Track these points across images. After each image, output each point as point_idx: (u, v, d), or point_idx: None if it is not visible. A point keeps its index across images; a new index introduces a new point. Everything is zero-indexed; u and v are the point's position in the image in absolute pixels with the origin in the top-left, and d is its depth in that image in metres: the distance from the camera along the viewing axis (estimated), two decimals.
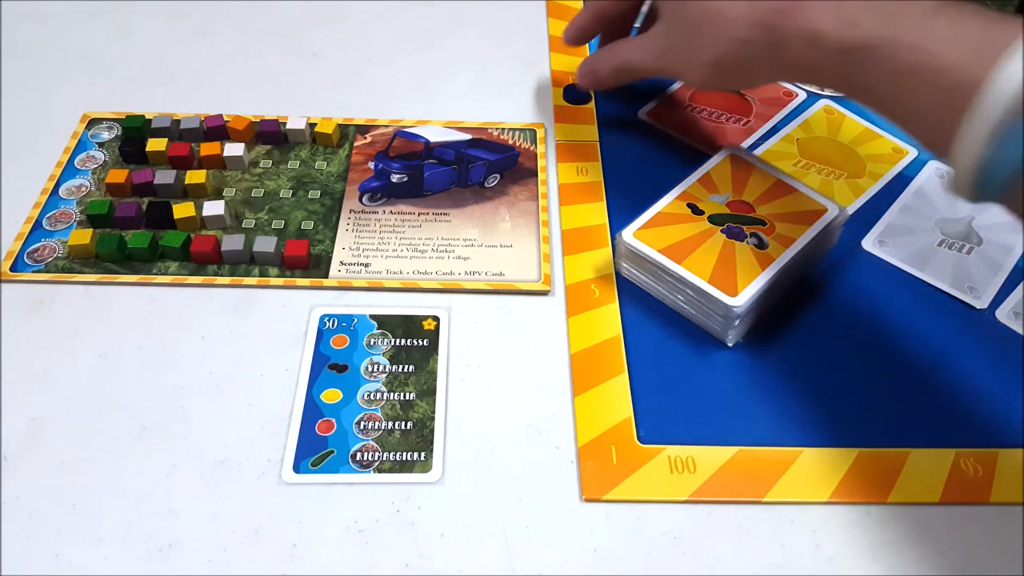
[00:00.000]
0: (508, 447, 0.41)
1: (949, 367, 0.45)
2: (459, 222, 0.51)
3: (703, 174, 0.50)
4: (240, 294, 0.47)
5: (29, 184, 0.52)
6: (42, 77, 0.60)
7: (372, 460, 0.41)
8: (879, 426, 0.42)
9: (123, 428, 0.41)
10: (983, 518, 0.39)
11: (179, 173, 0.52)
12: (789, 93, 0.60)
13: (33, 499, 0.39)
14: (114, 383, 0.43)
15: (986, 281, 0.49)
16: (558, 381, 0.44)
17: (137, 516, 0.39)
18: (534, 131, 0.57)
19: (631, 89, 0.60)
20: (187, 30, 0.64)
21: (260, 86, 0.60)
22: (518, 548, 0.38)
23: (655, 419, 0.42)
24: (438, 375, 0.44)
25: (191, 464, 0.40)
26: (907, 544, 0.38)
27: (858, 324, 0.47)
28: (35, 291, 0.47)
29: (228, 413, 0.42)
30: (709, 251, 0.46)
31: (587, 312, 0.47)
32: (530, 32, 0.65)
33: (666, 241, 0.46)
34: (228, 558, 0.37)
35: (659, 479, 0.40)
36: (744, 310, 0.43)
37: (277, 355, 0.44)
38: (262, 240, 0.48)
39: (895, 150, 0.56)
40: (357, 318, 0.46)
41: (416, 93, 0.60)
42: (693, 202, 0.48)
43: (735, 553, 0.38)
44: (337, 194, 0.53)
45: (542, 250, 0.49)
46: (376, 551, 0.38)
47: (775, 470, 0.41)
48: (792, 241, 0.46)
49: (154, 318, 0.46)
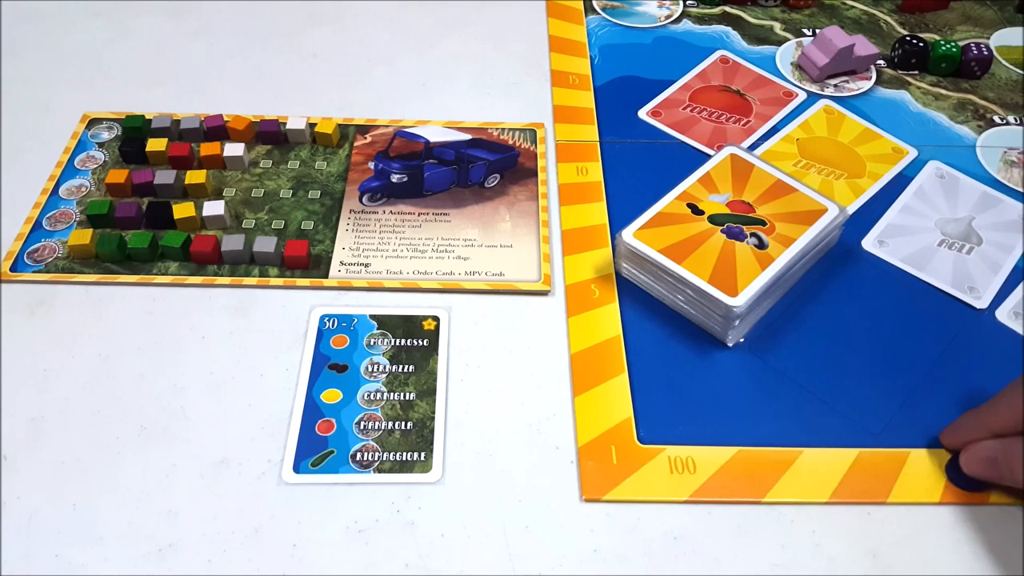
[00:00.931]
0: (508, 447, 0.41)
1: (949, 367, 0.45)
2: (459, 222, 0.51)
3: (703, 174, 0.50)
4: (240, 294, 0.47)
5: (29, 184, 0.52)
6: (42, 77, 0.60)
7: (372, 460, 0.41)
8: (879, 426, 0.42)
9: (123, 429, 0.41)
10: (983, 518, 0.39)
11: (179, 173, 0.52)
12: (789, 93, 0.61)
13: (33, 499, 0.39)
14: (114, 383, 0.43)
15: (986, 281, 0.49)
16: (558, 381, 0.44)
17: (137, 516, 0.39)
18: (534, 131, 0.57)
19: (631, 89, 0.60)
20: (186, 30, 0.64)
21: (259, 86, 0.60)
22: (518, 548, 0.38)
23: (655, 419, 0.42)
24: (438, 375, 0.44)
25: (191, 464, 0.40)
26: (907, 544, 0.38)
27: (858, 324, 0.47)
28: (35, 291, 0.47)
29: (228, 413, 0.42)
30: (709, 251, 0.46)
31: (587, 312, 0.47)
32: (530, 32, 0.65)
33: (666, 241, 0.46)
34: (228, 558, 0.37)
35: (659, 479, 0.40)
36: (744, 310, 0.43)
37: (277, 355, 0.44)
38: (262, 240, 0.48)
39: (895, 150, 0.56)
40: (357, 318, 0.46)
41: (416, 93, 0.60)
42: (693, 202, 0.48)
43: (735, 553, 0.38)
44: (337, 194, 0.53)
45: (542, 250, 0.49)
46: (376, 551, 0.38)
47: (775, 470, 0.41)
48: (792, 241, 0.46)
49: (154, 318, 0.46)
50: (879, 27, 0.66)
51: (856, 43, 0.61)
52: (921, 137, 0.57)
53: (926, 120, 0.58)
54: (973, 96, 0.60)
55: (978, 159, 0.56)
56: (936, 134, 0.57)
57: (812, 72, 0.61)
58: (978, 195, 0.53)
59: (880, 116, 0.59)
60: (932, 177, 0.55)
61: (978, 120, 0.58)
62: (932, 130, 0.58)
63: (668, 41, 0.65)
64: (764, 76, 0.62)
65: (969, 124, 0.58)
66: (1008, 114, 0.59)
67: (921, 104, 0.59)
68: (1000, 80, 0.62)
